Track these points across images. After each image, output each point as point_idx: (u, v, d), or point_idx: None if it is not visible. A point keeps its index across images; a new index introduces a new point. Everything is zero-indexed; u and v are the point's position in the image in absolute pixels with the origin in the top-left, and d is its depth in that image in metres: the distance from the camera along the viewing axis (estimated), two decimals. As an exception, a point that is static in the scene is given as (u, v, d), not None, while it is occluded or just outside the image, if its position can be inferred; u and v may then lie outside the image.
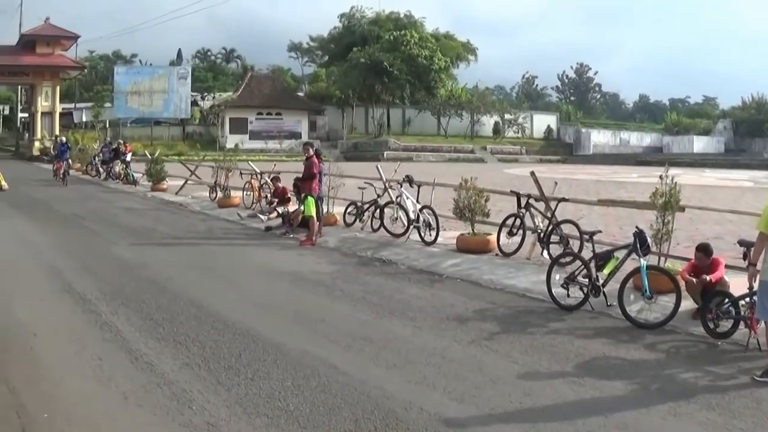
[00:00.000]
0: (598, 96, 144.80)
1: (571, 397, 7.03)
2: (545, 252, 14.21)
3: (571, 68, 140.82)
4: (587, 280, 10.68)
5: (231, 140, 70.19)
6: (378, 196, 19.04)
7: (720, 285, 9.87)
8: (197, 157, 43.42)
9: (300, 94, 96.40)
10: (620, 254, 10.81)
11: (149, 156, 36.81)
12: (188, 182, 31.99)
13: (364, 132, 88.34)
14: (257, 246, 17.23)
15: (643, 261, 10.28)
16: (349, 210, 19.60)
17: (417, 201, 17.29)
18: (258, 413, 6.46)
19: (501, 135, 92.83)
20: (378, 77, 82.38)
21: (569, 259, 12.26)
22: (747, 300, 8.92)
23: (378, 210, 18.56)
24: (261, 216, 20.98)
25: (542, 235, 14.61)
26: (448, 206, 16.51)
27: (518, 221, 15.04)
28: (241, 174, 26.36)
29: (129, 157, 38.24)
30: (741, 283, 9.19)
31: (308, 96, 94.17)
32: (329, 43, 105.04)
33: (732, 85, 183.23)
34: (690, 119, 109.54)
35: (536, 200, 15.33)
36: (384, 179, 19.25)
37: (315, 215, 17.44)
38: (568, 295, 10.77)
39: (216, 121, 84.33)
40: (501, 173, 48.24)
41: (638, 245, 10.39)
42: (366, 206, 19.22)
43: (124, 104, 78.76)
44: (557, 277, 11.13)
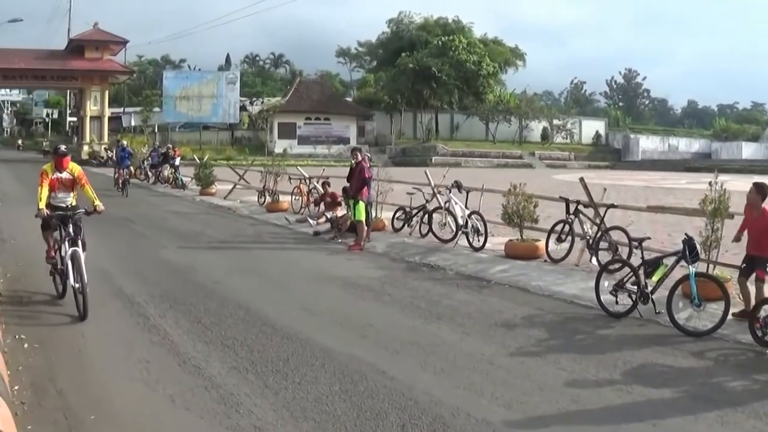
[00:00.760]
0: (647, 101, 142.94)
1: (619, 405, 7.03)
2: (594, 258, 14.13)
3: (620, 73, 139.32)
4: (636, 287, 10.62)
5: (279, 145, 70.21)
6: (426, 202, 19.00)
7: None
8: (246, 162, 43.76)
9: (348, 100, 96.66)
10: (669, 261, 10.73)
11: (198, 160, 37.09)
12: (237, 187, 32.30)
13: (412, 137, 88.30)
14: (305, 250, 17.33)
15: (692, 268, 10.22)
16: (398, 215, 19.61)
17: (465, 206, 17.30)
18: (305, 417, 6.52)
19: (549, 141, 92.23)
20: (426, 82, 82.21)
21: (618, 266, 12.23)
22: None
23: (426, 215, 18.60)
24: (310, 220, 21.08)
25: (591, 242, 14.56)
26: (497, 212, 16.49)
27: (567, 227, 14.97)
28: (290, 179, 26.41)
29: (178, 162, 38.30)
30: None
31: (356, 101, 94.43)
32: (377, 49, 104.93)
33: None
34: (738, 125, 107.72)
35: (585, 206, 15.28)
36: (432, 184, 19.24)
37: (364, 220, 17.54)
38: (617, 302, 10.72)
39: (264, 126, 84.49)
40: (549, 179, 47.85)
41: (687, 252, 10.32)
42: (414, 211, 19.23)
43: (173, 109, 79.35)
44: (606, 284, 11.08)
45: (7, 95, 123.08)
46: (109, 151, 60.29)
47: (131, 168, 36.82)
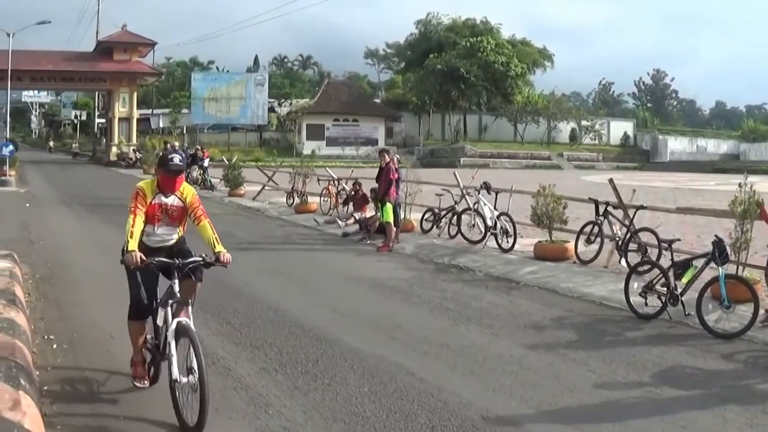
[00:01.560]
0: (675, 102, 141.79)
1: (648, 407, 7.03)
2: (623, 260, 14.08)
3: (648, 74, 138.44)
4: (665, 289, 10.59)
5: (308, 146, 70.09)
6: (455, 203, 19.02)
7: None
8: (274, 163, 43.91)
9: (376, 101, 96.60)
10: (698, 263, 10.68)
11: (226, 161, 37.29)
12: (265, 188, 32.48)
13: (441, 138, 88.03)
14: (334, 252, 17.43)
15: (722, 270, 10.17)
16: (426, 216, 19.64)
17: (494, 208, 17.30)
18: (335, 419, 6.55)
19: (578, 142, 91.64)
20: (454, 83, 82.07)
21: (647, 268, 12.16)
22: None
23: (455, 216, 18.60)
24: (339, 221, 21.17)
25: (620, 243, 14.49)
26: (525, 213, 16.49)
27: (596, 229, 14.92)
28: (319, 180, 26.53)
29: (206, 163, 38.44)
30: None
31: (384, 102, 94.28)
32: (405, 50, 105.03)
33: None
34: (767, 126, 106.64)
35: (614, 208, 15.22)
36: (461, 186, 19.24)
37: (392, 221, 17.59)
38: (646, 304, 10.70)
39: (293, 128, 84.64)
40: (578, 180, 47.67)
41: (717, 254, 10.28)
42: (443, 213, 19.26)
43: (201, 110, 79.47)
44: (635, 286, 11.05)
45: (36, 97, 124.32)
46: (138, 153, 60.76)
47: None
